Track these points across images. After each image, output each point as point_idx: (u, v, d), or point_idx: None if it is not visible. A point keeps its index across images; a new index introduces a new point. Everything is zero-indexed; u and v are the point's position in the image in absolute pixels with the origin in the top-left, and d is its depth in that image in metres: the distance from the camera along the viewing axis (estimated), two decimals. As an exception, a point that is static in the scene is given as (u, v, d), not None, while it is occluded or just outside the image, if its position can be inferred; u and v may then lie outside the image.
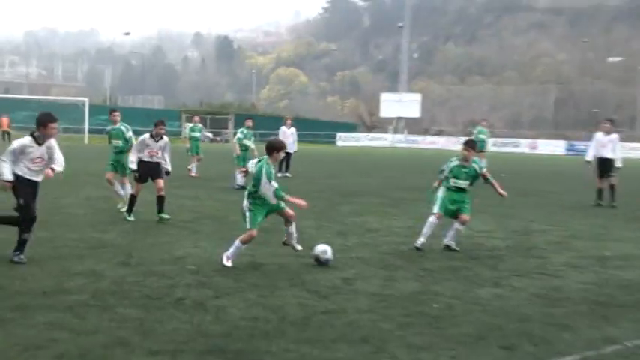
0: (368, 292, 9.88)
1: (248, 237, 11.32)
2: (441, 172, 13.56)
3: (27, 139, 11.22)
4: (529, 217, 18.48)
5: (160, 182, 16.08)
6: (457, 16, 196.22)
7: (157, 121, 16.63)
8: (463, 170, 13.34)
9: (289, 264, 11.67)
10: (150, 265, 11.22)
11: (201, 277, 10.43)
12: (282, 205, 11.54)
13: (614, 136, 22.56)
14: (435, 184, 13.63)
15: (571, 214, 20.16)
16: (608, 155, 21.99)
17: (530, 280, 10.98)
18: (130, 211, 16.16)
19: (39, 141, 11.19)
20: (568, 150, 77.65)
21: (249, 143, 25.10)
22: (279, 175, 29.62)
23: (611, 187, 21.89)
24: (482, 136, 39.54)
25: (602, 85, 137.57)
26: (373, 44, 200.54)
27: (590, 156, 22.52)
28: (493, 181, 13.36)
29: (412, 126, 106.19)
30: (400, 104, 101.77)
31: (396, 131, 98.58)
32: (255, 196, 11.37)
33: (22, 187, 11.13)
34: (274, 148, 11.47)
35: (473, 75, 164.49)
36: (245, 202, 11.44)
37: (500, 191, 13.26)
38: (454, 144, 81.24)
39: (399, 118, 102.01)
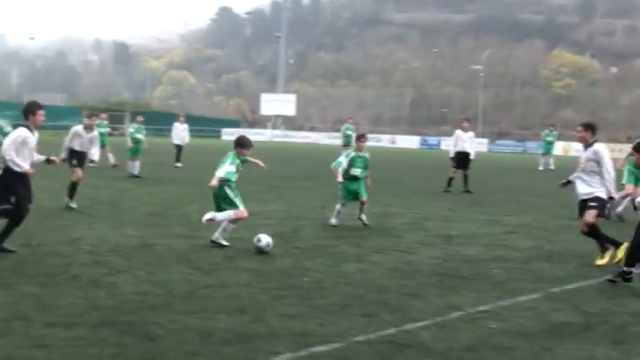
0: (247, 268, 9.80)
1: (239, 218, 11.37)
2: (339, 163, 14.17)
3: (23, 130, 10.20)
4: (388, 202, 18.70)
5: (81, 172, 15.55)
6: (327, 28, 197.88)
7: (89, 114, 16.29)
8: (359, 159, 14.26)
9: (177, 244, 11.48)
10: (49, 246, 10.85)
11: (95, 257, 10.15)
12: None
13: (471, 134, 23.25)
14: (340, 179, 14.15)
15: (423, 199, 20.51)
16: (467, 149, 22.49)
17: (388, 256, 11.09)
18: (71, 196, 15.42)
19: (32, 130, 10.27)
20: (422, 144, 79.50)
21: (141, 136, 24.78)
22: (178, 165, 29.52)
23: (465, 177, 22.40)
24: (349, 132, 40.07)
25: (450, 89, 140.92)
26: (254, 51, 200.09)
27: (452, 152, 22.91)
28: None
29: (288, 123, 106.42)
30: (278, 103, 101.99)
31: (274, 127, 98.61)
32: (231, 183, 11.34)
33: (20, 180, 10.14)
34: (239, 144, 11.77)
35: (341, 79, 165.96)
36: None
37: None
38: (324, 138, 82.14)
39: (277, 116, 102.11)
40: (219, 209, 11.32)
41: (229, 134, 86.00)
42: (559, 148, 55.56)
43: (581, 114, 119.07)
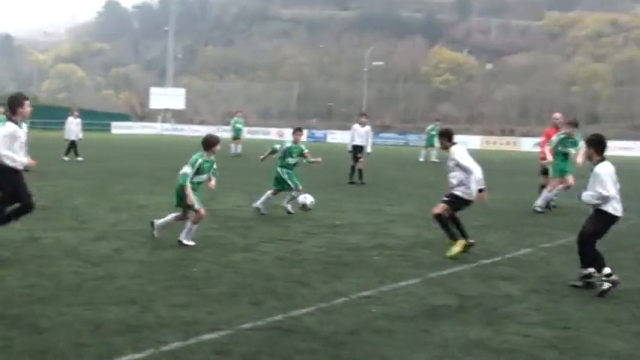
0: (136, 260, 9.68)
1: (198, 217, 10.99)
2: (274, 151, 15.16)
3: (12, 125, 9.45)
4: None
5: None
6: (215, 23, 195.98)
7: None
8: (295, 150, 15.08)
9: (65, 237, 11.21)
10: None
11: (-18, 251, 9.81)
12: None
13: (368, 128, 23.68)
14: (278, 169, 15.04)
15: (310, 189, 20.60)
16: (363, 143, 23.13)
17: (275, 246, 11.15)
18: None
19: (19, 124, 9.57)
20: (309, 137, 79.75)
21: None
22: (79, 159, 28.75)
23: (360, 171, 22.73)
24: (238, 125, 39.96)
25: (335, 84, 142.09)
26: (143, 45, 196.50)
27: (349, 145, 23.25)
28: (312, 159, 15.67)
29: (178, 116, 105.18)
30: (167, 97, 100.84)
31: (164, 120, 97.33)
32: (193, 181, 11.03)
33: (12, 176, 9.43)
34: (210, 142, 11.41)
35: (229, 73, 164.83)
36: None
37: (316, 159, 15.92)
38: (214, 131, 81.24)
39: (167, 110, 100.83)
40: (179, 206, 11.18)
41: (119, 128, 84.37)
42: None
43: (459, 108, 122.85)
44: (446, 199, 10.96)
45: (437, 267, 9.93)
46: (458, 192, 10.83)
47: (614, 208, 8.79)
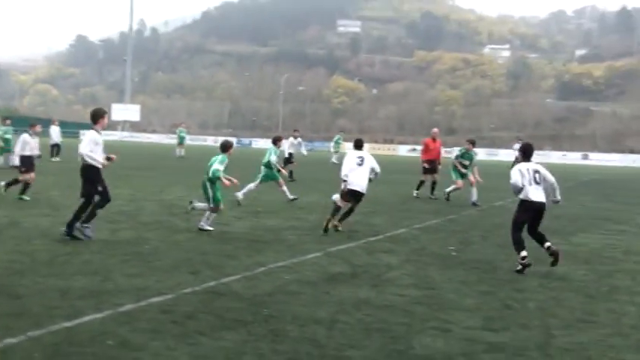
0: (99, 239, 9.32)
1: (217, 208, 10.63)
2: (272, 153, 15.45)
3: (94, 133, 9.42)
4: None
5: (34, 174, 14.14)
6: (164, 54, 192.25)
7: (32, 123, 14.91)
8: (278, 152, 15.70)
9: (41, 222, 10.74)
10: None
11: (-30, 234, 9.28)
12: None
13: (300, 139, 25.15)
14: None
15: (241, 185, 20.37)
16: (296, 150, 24.06)
17: (210, 228, 10.95)
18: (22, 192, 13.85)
19: (99, 132, 9.57)
20: (237, 143, 79.26)
21: (8, 136, 22.94)
22: (57, 159, 27.63)
23: (291, 171, 22.40)
24: (182, 134, 38.79)
25: (258, 103, 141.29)
26: (106, 70, 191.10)
27: (287, 152, 23.03)
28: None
29: (135, 126, 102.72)
30: (126, 111, 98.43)
31: (123, 129, 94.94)
32: (213, 180, 10.60)
33: (99, 173, 9.41)
34: (227, 146, 11.14)
35: (175, 93, 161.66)
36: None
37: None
38: (163, 139, 79.94)
39: (125, 121, 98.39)
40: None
41: (85, 135, 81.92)
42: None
43: (353, 122, 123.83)
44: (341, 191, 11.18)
45: (335, 243, 9.94)
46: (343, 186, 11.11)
47: (525, 196, 8.37)
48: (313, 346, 5.06)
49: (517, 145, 44.07)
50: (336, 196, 11.27)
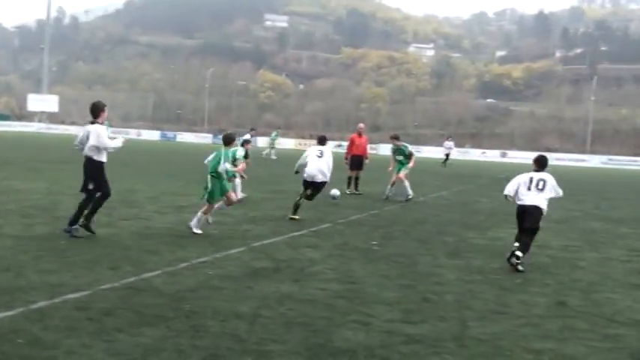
0: (11, 234, 8.95)
1: (209, 208, 10.21)
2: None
3: (101, 126, 9.44)
4: (134, 181, 18.05)
5: None
6: (85, 44, 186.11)
7: None
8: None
9: (-51, 216, 10.21)
10: None
11: None
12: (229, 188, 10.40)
13: (256, 137, 24.58)
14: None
15: (161, 178, 20.06)
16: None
17: (132, 222, 10.70)
18: None
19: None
20: (162, 137, 78.04)
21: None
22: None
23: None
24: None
25: (183, 96, 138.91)
26: (22, 58, 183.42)
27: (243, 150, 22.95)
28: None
29: (53, 118, 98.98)
30: (43, 102, 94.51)
31: (40, 121, 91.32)
32: (215, 175, 10.12)
33: (102, 170, 9.58)
34: (230, 140, 10.49)
35: (97, 84, 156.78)
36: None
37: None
38: (82, 131, 77.31)
39: (42, 112, 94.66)
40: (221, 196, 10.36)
41: (0, 126, 78.48)
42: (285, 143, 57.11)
43: (279, 117, 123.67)
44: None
45: (259, 238, 9.92)
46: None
47: (517, 199, 9.15)
48: (234, 341, 5.04)
49: (448, 143, 45.30)
50: (335, 191, 13.34)
